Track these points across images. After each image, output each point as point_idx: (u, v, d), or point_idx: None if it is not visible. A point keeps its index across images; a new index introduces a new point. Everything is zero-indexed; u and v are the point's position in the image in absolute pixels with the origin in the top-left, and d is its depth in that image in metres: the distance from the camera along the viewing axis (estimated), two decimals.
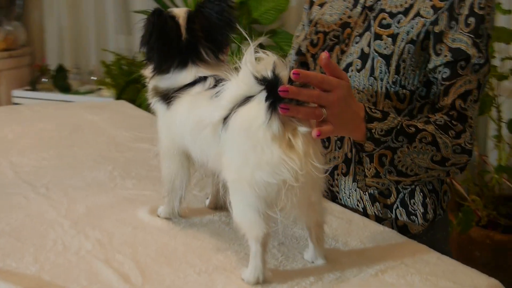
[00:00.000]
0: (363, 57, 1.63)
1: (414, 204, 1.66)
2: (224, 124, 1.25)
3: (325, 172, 1.21)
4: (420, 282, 1.26)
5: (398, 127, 1.41)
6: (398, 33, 1.58)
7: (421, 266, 1.33)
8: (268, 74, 1.18)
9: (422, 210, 1.66)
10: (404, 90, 1.61)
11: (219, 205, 1.63)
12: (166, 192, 1.54)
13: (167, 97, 1.45)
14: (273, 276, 1.26)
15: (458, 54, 1.53)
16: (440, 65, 1.56)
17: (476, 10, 1.53)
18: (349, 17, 1.73)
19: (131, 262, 1.32)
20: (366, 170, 1.61)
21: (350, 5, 1.75)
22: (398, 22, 1.60)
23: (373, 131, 1.36)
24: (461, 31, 1.54)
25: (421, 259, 1.36)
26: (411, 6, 1.60)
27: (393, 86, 1.61)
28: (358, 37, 1.66)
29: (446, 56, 1.55)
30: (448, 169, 1.52)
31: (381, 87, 1.62)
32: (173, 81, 1.45)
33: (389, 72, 1.60)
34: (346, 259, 1.36)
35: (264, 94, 1.18)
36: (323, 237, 1.34)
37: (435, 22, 1.56)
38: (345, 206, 1.71)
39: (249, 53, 1.21)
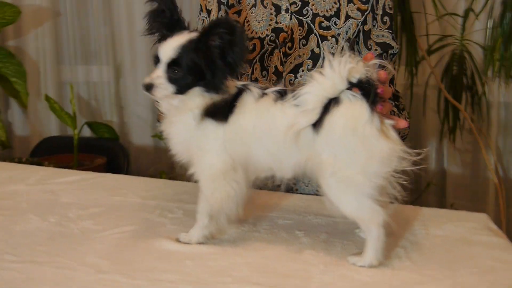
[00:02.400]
0: (314, 57, 1.81)
1: None
2: (317, 126, 1.31)
3: None
4: None
5: None
6: (339, 34, 1.82)
7: None
8: (361, 76, 1.31)
9: None
10: None
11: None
12: (205, 216, 1.44)
13: (221, 111, 1.38)
14: None
15: (385, 47, 1.86)
16: None
17: (387, 10, 1.88)
18: (277, 22, 1.86)
19: None
20: None
21: (273, 11, 1.88)
22: (335, 24, 1.83)
23: None
24: (380, 28, 1.87)
25: None
26: (339, 9, 1.85)
27: None
28: (303, 40, 1.82)
29: (376, 50, 1.86)
30: None
31: None
32: (223, 96, 1.38)
33: None
34: None
35: (358, 94, 1.31)
36: None
37: (364, 22, 1.84)
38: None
39: (335, 59, 1.31)
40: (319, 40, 1.81)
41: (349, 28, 1.83)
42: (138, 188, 1.88)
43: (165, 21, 1.41)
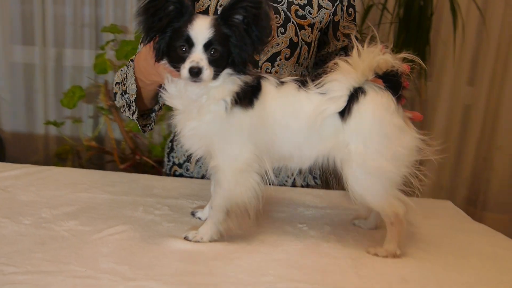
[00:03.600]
0: (292, 46, 1.76)
1: None
2: (345, 115, 1.30)
3: None
4: None
5: None
6: (314, 23, 1.79)
7: None
8: (388, 69, 1.32)
9: None
10: (307, 73, 1.85)
11: None
12: (222, 211, 1.34)
13: (247, 97, 1.30)
14: None
15: (350, 38, 1.88)
16: (340, 48, 1.87)
17: (352, 2, 1.90)
18: None
19: None
20: None
21: None
22: (310, 13, 1.80)
23: None
24: (346, 20, 1.88)
25: None
26: (310, 0, 1.82)
27: (307, 70, 1.83)
28: (281, 28, 1.77)
29: (344, 41, 1.87)
30: None
31: (302, 72, 1.81)
32: (247, 79, 1.31)
33: (309, 58, 1.81)
34: None
35: (381, 86, 1.32)
36: None
37: (334, 13, 1.84)
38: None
39: (362, 49, 1.31)
40: (297, 28, 1.77)
41: (323, 18, 1.82)
42: (98, 183, 1.70)
43: (171, 12, 1.28)
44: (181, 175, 1.91)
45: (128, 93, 1.63)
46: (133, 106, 1.63)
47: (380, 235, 1.47)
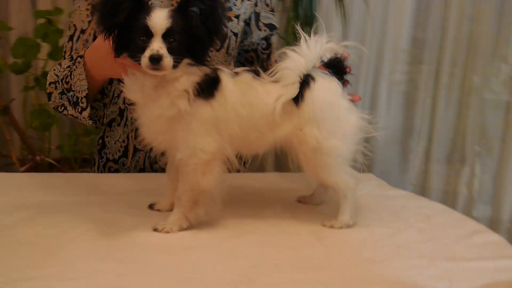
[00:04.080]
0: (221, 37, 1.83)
1: None
2: (300, 100, 1.41)
3: None
4: None
5: None
6: (239, 14, 1.87)
7: None
8: (332, 56, 1.44)
9: None
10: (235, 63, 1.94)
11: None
12: (189, 201, 1.39)
13: (208, 88, 1.35)
14: None
15: (272, 28, 1.98)
16: (262, 38, 1.96)
17: None
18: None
19: None
20: None
21: None
22: (234, 4, 1.87)
23: None
24: (265, 10, 1.98)
25: None
26: None
27: (235, 61, 1.91)
28: None
29: (265, 30, 1.97)
30: None
31: (231, 62, 1.89)
32: (206, 70, 1.36)
33: (236, 49, 1.89)
34: None
35: (326, 72, 1.45)
36: None
37: (255, 4, 1.93)
38: None
39: (310, 38, 1.42)
40: (226, 20, 1.84)
41: (246, 9, 1.90)
42: (40, 186, 1.67)
43: (128, 6, 1.30)
44: (116, 171, 1.91)
45: (73, 90, 1.61)
46: (82, 103, 1.61)
47: (326, 209, 1.61)
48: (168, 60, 1.28)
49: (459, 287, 1.20)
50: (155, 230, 1.39)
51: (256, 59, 1.99)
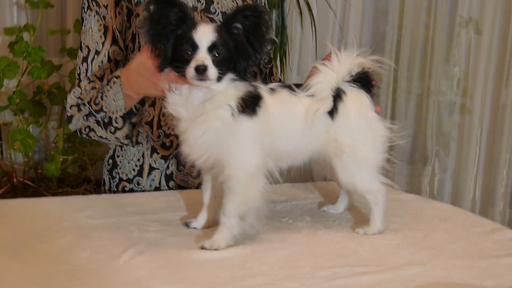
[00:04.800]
0: None
1: None
2: (334, 112, 1.48)
3: None
4: None
5: None
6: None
7: None
8: (361, 70, 1.52)
9: None
10: None
11: (214, 221, 1.57)
12: (234, 217, 1.41)
13: (251, 104, 1.39)
14: None
15: (272, 43, 2.04)
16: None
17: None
18: None
19: None
20: None
21: None
22: None
23: None
24: None
25: None
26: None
27: None
28: None
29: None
30: None
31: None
32: (249, 87, 1.41)
33: None
34: None
35: (356, 84, 1.53)
36: None
37: None
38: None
39: (339, 54, 1.49)
40: None
41: None
42: (66, 211, 1.64)
43: (174, 19, 1.35)
44: (131, 190, 1.91)
45: (104, 111, 1.62)
46: (116, 123, 1.62)
47: (354, 216, 1.68)
48: (213, 71, 1.32)
49: (502, 283, 1.29)
50: (203, 248, 1.40)
51: (260, 73, 2.03)
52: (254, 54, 1.37)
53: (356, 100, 1.50)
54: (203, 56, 1.32)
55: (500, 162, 3.35)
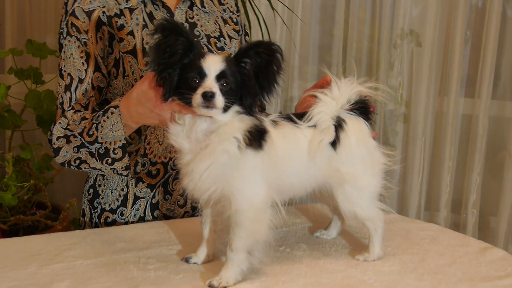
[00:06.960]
0: None
1: None
2: (336, 142, 1.48)
3: None
4: None
5: None
6: (231, 54, 1.88)
7: None
8: (359, 97, 1.53)
9: None
10: None
11: (214, 255, 1.52)
12: (242, 251, 1.37)
13: (256, 138, 1.36)
14: None
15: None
16: None
17: (246, 30, 2.03)
18: None
19: None
20: None
21: None
22: (225, 44, 1.87)
23: None
24: None
25: None
26: (220, 30, 1.89)
27: None
28: None
29: None
30: None
31: None
32: (254, 121, 1.37)
33: None
34: None
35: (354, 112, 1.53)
36: None
37: (241, 42, 1.95)
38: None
39: (339, 83, 1.49)
40: None
41: (235, 48, 1.91)
42: (51, 252, 1.54)
43: (181, 48, 1.31)
44: (114, 221, 1.82)
45: (99, 142, 1.54)
46: (114, 154, 1.55)
47: (348, 241, 1.69)
48: (220, 99, 1.28)
49: None
50: (211, 286, 1.36)
51: None
52: (261, 92, 1.33)
53: (357, 129, 1.50)
54: (211, 84, 1.28)
55: (444, 170, 3.48)
